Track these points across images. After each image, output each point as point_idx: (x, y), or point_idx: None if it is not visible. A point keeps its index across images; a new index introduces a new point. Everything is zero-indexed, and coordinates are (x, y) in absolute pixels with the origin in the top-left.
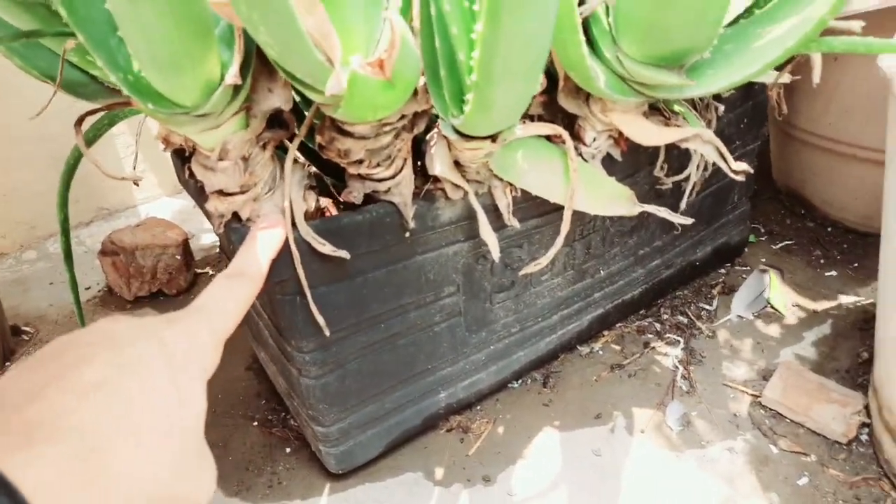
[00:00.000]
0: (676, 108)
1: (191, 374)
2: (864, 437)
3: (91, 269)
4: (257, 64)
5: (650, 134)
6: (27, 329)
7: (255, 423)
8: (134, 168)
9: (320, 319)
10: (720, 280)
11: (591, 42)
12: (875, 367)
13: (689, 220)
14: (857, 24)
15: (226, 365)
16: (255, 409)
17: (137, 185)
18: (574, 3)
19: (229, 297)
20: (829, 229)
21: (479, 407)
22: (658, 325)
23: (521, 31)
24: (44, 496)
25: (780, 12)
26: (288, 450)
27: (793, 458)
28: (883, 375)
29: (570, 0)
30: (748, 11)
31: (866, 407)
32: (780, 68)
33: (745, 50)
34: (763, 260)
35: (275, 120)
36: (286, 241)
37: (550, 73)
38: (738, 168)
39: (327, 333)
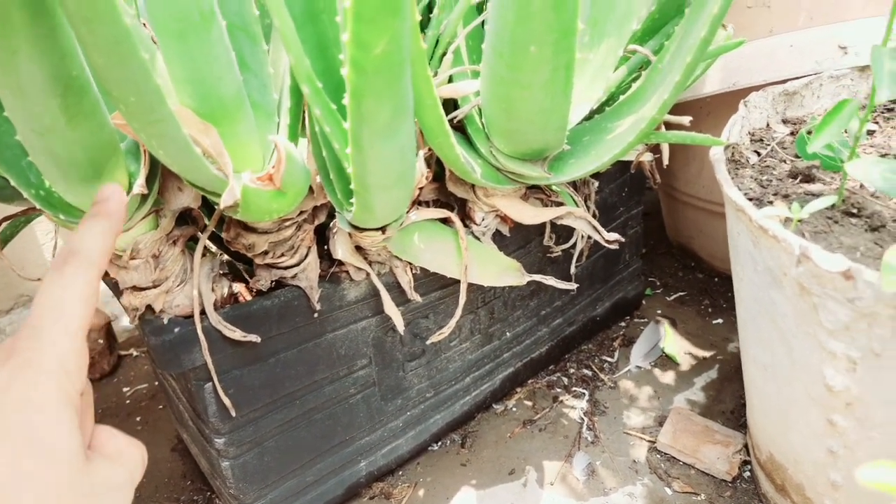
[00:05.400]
0: (555, 186)
1: (38, 408)
2: (746, 475)
3: None
4: (165, 167)
5: (528, 214)
6: None
7: None
8: (54, 255)
9: (227, 401)
10: (621, 332)
11: (469, 137)
12: (747, 409)
13: (573, 286)
14: (686, 119)
15: (151, 446)
16: (180, 490)
17: None
18: (442, 114)
19: (60, 293)
20: (716, 280)
21: (400, 472)
22: (566, 380)
23: (383, 153)
24: None
25: (623, 110)
26: None
27: (686, 497)
28: (750, 416)
29: (438, 111)
30: (603, 106)
31: (746, 446)
32: (647, 143)
33: (599, 142)
34: (659, 311)
35: (185, 215)
36: (195, 331)
37: (441, 162)
38: (611, 238)
39: (233, 414)
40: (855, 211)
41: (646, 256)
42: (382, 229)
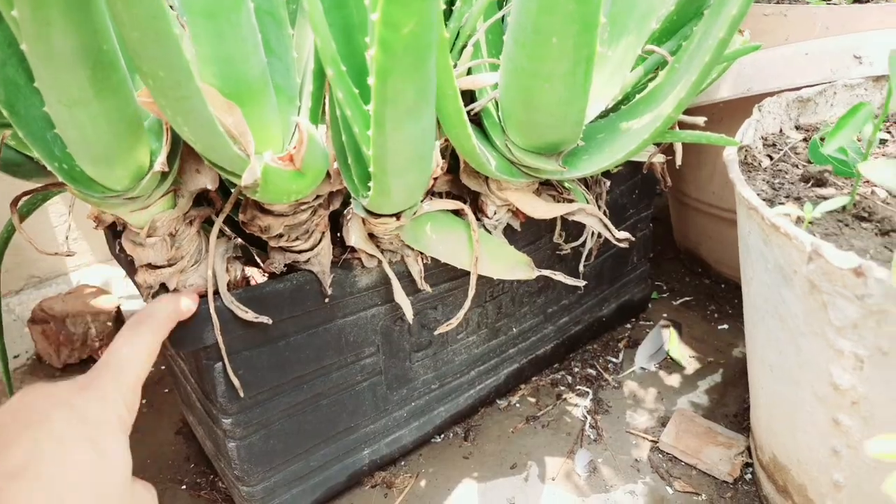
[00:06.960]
0: (567, 184)
1: (109, 431)
2: (748, 476)
3: (20, 337)
4: (185, 148)
5: (541, 209)
6: None
7: (184, 487)
8: (67, 237)
9: (236, 381)
10: (626, 334)
11: (485, 130)
12: (751, 410)
13: (582, 283)
14: (700, 120)
15: (156, 430)
16: (183, 472)
17: (71, 255)
18: (461, 105)
19: (133, 346)
20: (723, 286)
21: (402, 462)
22: (570, 378)
23: (404, 136)
24: None
25: (639, 109)
26: None
27: (687, 497)
28: (754, 417)
29: (457, 102)
30: (618, 105)
31: (748, 448)
32: (658, 145)
33: (614, 140)
34: (665, 315)
35: (202, 197)
36: (208, 310)
37: (456, 154)
38: (621, 237)
39: (242, 395)
40: (865, 215)
41: (653, 261)
42: (397, 216)
